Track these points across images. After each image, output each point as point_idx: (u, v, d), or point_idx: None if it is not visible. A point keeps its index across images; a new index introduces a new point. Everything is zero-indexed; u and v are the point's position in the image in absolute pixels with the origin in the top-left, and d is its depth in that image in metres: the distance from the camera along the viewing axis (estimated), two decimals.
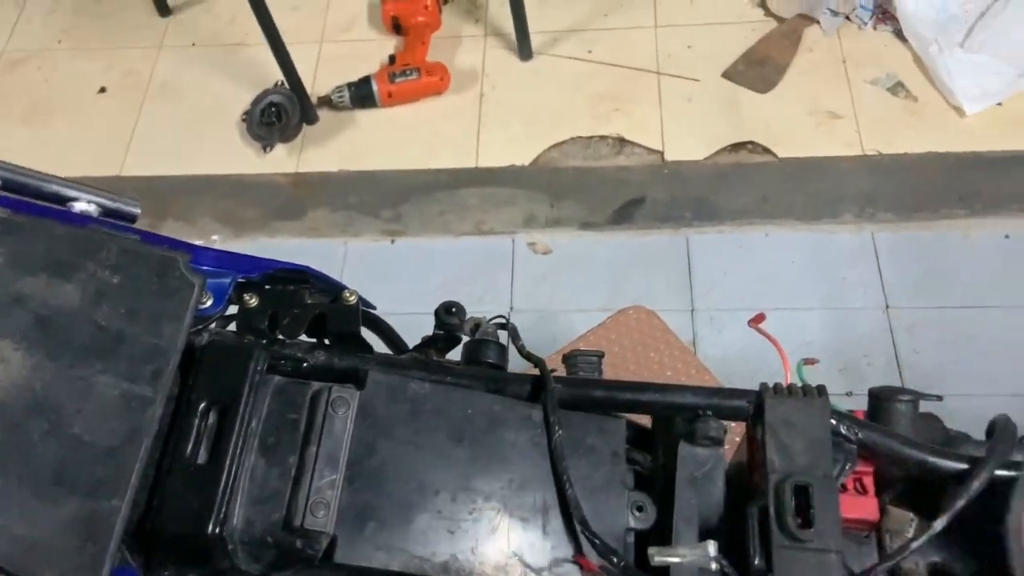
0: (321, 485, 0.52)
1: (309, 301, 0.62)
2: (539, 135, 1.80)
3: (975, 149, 1.62)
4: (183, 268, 0.54)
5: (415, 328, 0.72)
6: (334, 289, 0.62)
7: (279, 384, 0.57)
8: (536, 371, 0.63)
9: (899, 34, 1.78)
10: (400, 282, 1.92)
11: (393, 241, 1.98)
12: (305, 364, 0.60)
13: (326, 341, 0.63)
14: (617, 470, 0.59)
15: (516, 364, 0.71)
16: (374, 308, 0.69)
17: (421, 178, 1.83)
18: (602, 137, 1.79)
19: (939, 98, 1.69)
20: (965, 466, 0.58)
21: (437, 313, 0.64)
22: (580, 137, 1.80)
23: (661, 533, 0.60)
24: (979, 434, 0.93)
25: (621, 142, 1.78)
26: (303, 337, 0.63)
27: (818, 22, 1.83)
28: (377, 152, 1.82)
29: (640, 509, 0.59)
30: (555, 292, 1.88)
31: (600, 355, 0.87)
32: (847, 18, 1.82)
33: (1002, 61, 1.71)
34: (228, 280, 0.57)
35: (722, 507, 0.60)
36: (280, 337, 0.60)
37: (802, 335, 1.73)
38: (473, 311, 2.14)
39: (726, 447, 0.68)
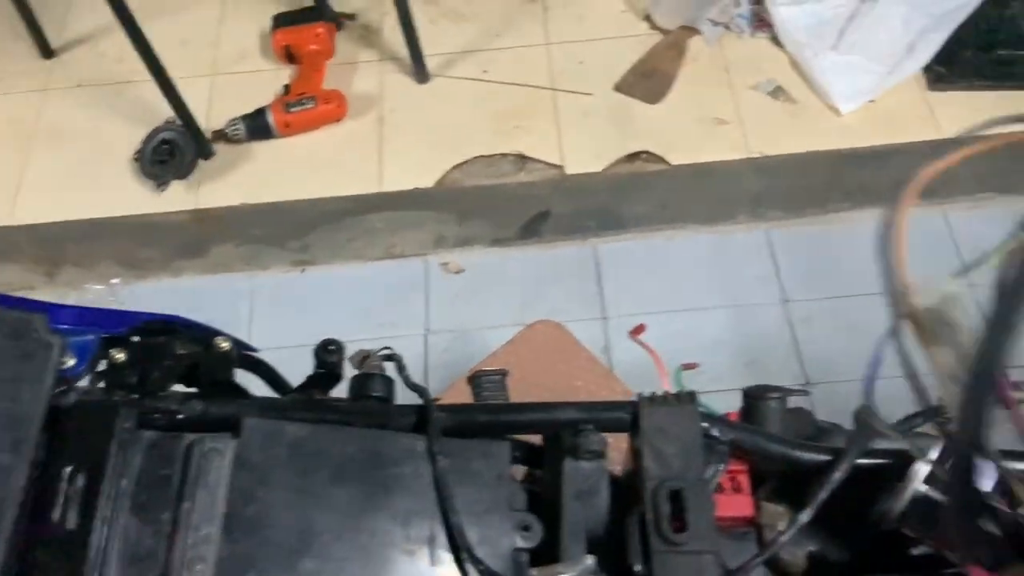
0: (197, 540, 0.52)
1: (180, 351, 0.61)
2: (441, 156, 1.81)
3: (853, 145, 1.70)
4: (40, 329, 0.53)
5: None
6: (207, 336, 0.62)
7: (151, 439, 0.56)
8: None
9: (776, 40, 1.86)
10: (313, 312, 1.90)
11: (303, 271, 1.96)
12: (180, 416, 0.60)
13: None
14: (502, 492, 0.60)
15: (409, 395, 0.72)
16: (255, 350, 0.68)
17: (326, 206, 1.82)
18: (503, 155, 1.81)
19: (816, 99, 1.78)
20: (828, 458, 0.62)
21: (316, 352, 0.65)
22: (482, 156, 1.82)
23: (553, 550, 0.61)
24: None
25: (522, 159, 1.81)
26: (178, 388, 0.62)
27: (700, 33, 1.89)
28: (278, 183, 1.81)
29: (527, 528, 0.60)
30: (470, 311, 1.89)
31: (504, 373, 0.89)
32: (727, 27, 1.89)
33: (872, 60, 1.80)
34: (92, 337, 0.56)
35: (608, 518, 0.62)
36: (152, 391, 0.60)
37: (710, 334, 1.78)
38: (389, 335, 2.13)
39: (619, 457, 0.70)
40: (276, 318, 1.91)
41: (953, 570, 0.61)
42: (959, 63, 1.84)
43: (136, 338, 0.61)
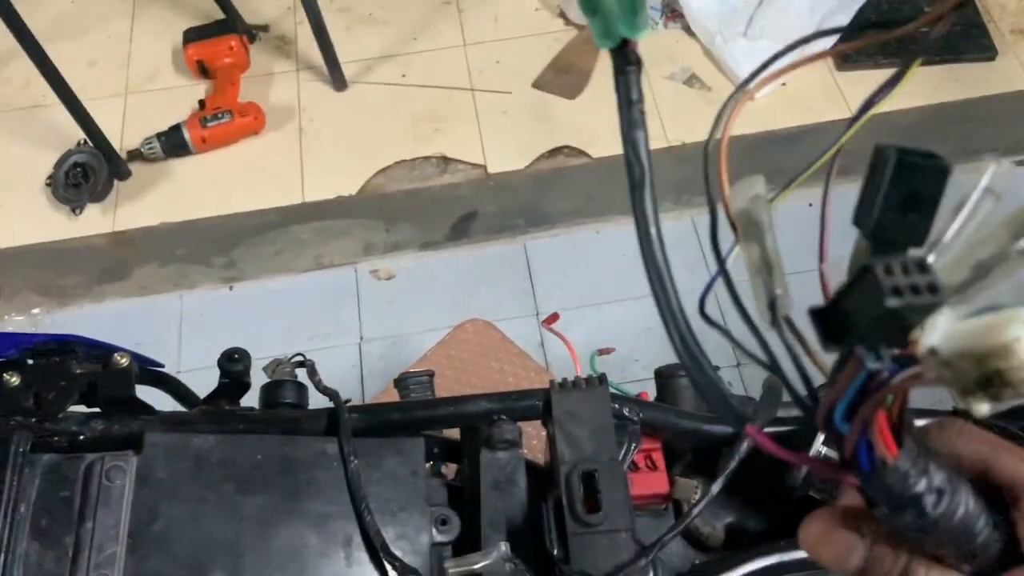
0: (101, 560, 0.50)
1: (78, 371, 0.59)
2: (363, 163, 1.80)
3: (768, 128, 1.75)
4: None
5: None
6: (105, 354, 0.61)
7: (49, 462, 0.54)
8: None
9: (688, 30, 1.90)
10: (245, 328, 1.87)
11: (231, 287, 1.93)
12: (82, 437, 0.58)
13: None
14: (418, 488, 0.60)
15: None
16: (160, 365, 0.67)
17: (249, 220, 1.79)
18: (426, 158, 1.81)
19: (730, 85, 1.82)
20: (737, 429, 0.63)
21: (220, 363, 0.64)
22: (404, 160, 1.81)
23: (476, 541, 0.61)
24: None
25: (445, 160, 1.81)
26: (81, 409, 0.61)
27: None
28: (199, 200, 1.77)
29: (444, 523, 0.60)
30: (403, 316, 1.88)
31: (430, 374, 0.89)
32: None
33: (782, 44, 1.84)
34: None
35: (526, 506, 0.62)
36: (50, 413, 0.58)
37: (640, 321, 1.81)
38: (323, 346, 2.09)
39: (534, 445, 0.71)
40: (207, 337, 1.87)
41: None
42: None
43: (31, 360, 0.60)
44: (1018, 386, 0.25)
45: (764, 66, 0.33)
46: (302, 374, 0.70)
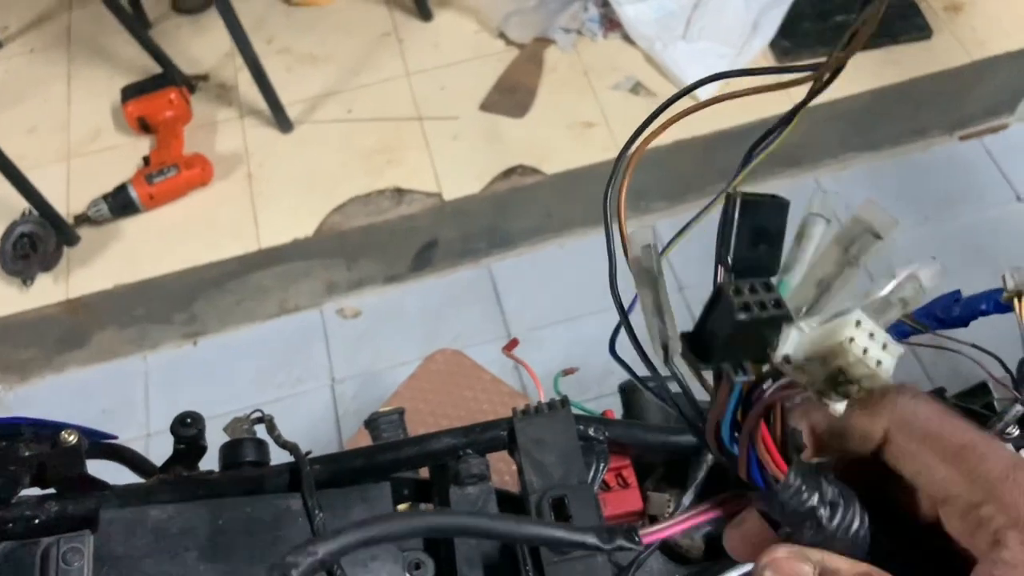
0: None
1: (26, 453, 0.57)
2: (317, 203, 1.79)
3: (717, 128, 1.76)
4: None
5: None
6: (53, 432, 0.58)
7: (4, 550, 0.52)
8: None
9: (628, 38, 1.91)
10: (213, 383, 1.84)
11: (196, 343, 1.90)
12: (36, 520, 0.56)
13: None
14: None
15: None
16: (113, 437, 0.65)
17: (206, 273, 1.76)
18: (380, 191, 1.80)
19: (675, 89, 1.83)
20: None
21: (173, 429, 0.62)
22: (358, 196, 1.80)
23: None
24: None
25: (399, 192, 1.80)
26: (34, 491, 0.59)
27: (555, 42, 1.93)
28: (153, 257, 1.74)
29: (418, 567, 0.59)
30: (374, 352, 1.86)
31: (400, 412, 0.87)
32: (579, 33, 1.94)
33: (721, 44, 1.87)
34: None
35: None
36: (1, 499, 0.56)
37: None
38: (294, 392, 2.06)
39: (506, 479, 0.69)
40: (174, 395, 1.84)
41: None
42: (800, 34, 1.93)
43: None
44: (860, 380, 0.29)
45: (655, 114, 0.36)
46: (262, 430, 0.68)
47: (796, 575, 0.32)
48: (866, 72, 1.86)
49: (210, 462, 0.67)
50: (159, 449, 0.77)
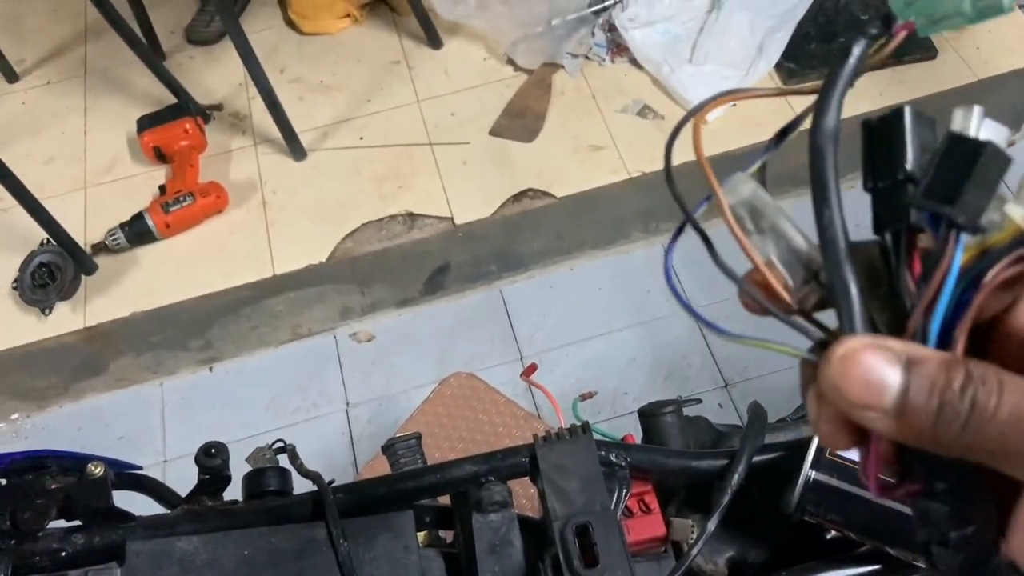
0: None
1: (53, 486, 0.58)
2: (330, 229, 1.80)
3: (723, 150, 1.77)
4: None
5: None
6: (79, 464, 0.59)
7: None
8: None
9: (635, 62, 1.93)
10: (229, 408, 1.85)
11: (211, 369, 1.91)
12: (63, 553, 0.57)
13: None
14: (411, 563, 0.59)
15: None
16: (139, 467, 0.66)
17: (222, 299, 1.78)
18: (392, 216, 1.82)
19: (682, 112, 1.84)
20: (725, 462, 0.63)
21: (197, 459, 0.63)
22: (371, 221, 1.81)
23: None
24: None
25: (411, 217, 1.81)
26: (60, 523, 0.59)
27: (563, 67, 1.95)
28: (169, 285, 1.76)
29: None
30: (388, 376, 1.87)
31: (417, 437, 0.87)
32: (587, 58, 1.96)
33: (727, 67, 1.89)
34: None
35: (524, 566, 0.61)
36: (29, 532, 0.57)
37: (626, 353, 1.81)
38: (309, 416, 2.06)
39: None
40: (192, 422, 1.85)
41: (863, 549, 0.63)
42: (806, 56, 1.95)
43: (3, 481, 0.58)
44: None
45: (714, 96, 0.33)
46: (284, 459, 0.69)
47: (880, 383, 0.27)
48: (872, 92, 1.87)
49: (233, 490, 0.68)
50: (176, 475, 0.78)
